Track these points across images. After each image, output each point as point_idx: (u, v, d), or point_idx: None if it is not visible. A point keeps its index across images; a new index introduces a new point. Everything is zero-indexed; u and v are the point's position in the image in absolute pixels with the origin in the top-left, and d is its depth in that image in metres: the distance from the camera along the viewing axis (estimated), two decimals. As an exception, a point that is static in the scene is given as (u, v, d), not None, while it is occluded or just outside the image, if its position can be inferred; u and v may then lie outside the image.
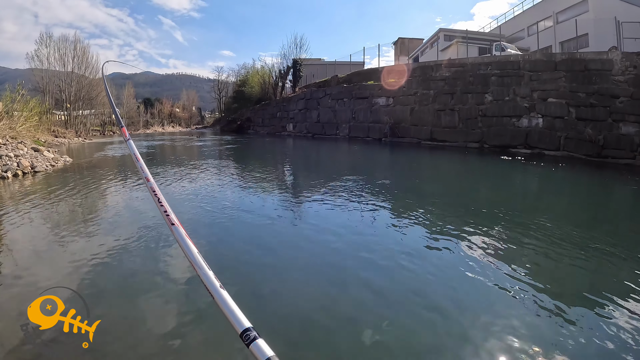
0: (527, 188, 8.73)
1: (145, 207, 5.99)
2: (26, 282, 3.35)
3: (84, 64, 40.85)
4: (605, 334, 2.45)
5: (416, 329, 2.57)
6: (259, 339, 0.89)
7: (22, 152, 11.59)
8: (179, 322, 2.64)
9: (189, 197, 6.96)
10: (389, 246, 4.19)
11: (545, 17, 26.91)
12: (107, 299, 3.03)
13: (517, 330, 2.49)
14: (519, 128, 14.95)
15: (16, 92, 17.08)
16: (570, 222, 5.39)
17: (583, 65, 14.04)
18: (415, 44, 41.65)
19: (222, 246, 4.35)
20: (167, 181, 8.77)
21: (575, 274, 3.54)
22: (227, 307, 1.00)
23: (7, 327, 2.56)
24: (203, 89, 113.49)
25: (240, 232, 4.87)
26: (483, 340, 2.40)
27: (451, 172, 10.75)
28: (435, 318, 2.67)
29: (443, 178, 9.55)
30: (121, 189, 7.98)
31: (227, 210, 5.91)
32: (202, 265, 1.10)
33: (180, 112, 79.30)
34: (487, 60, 17.50)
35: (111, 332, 2.49)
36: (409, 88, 19.27)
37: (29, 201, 6.69)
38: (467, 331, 2.50)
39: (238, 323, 0.95)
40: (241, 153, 18.14)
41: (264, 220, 5.41)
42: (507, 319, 2.64)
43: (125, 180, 9.06)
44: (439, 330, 2.55)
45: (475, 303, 2.92)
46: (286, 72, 39.49)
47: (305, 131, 28.00)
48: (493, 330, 2.51)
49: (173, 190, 7.63)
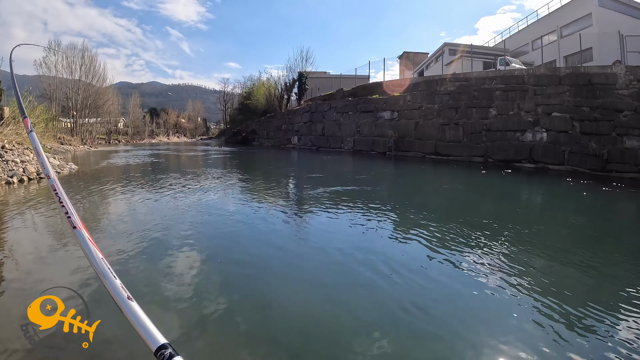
0: (531, 203, 8.72)
1: (148, 216, 6.07)
2: (27, 284, 3.40)
3: (91, 73, 41.43)
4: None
5: (418, 343, 2.58)
6: (177, 357, 0.80)
7: (29, 159, 11.70)
8: (181, 329, 2.66)
9: (194, 205, 7.08)
10: (391, 259, 4.20)
11: (550, 32, 27.12)
12: (107, 303, 3.01)
13: (523, 346, 2.48)
14: (523, 142, 14.98)
15: (23, 98, 17.07)
16: (574, 236, 5.41)
17: (587, 79, 14.11)
18: (420, 58, 41.98)
19: (226, 254, 4.42)
20: (173, 188, 8.88)
21: (579, 288, 3.54)
22: (138, 321, 0.89)
23: (7, 327, 2.61)
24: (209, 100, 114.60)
25: (244, 241, 4.92)
26: (487, 356, 2.41)
27: (455, 186, 10.73)
28: (438, 332, 2.68)
29: (446, 192, 9.54)
30: (125, 197, 8.08)
31: (231, 219, 5.99)
32: (108, 273, 1.00)
33: (185, 123, 79.86)
34: (492, 74, 17.65)
35: (109, 336, 2.50)
36: (413, 102, 19.37)
37: (33, 207, 6.78)
38: (472, 347, 2.51)
39: (151, 339, 0.84)
40: (246, 165, 18.26)
41: (268, 230, 5.48)
42: (512, 334, 2.64)
43: (129, 189, 9.15)
44: (442, 345, 2.55)
45: (479, 318, 2.93)
46: (292, 85, 39.77)
47: (310, 144, 28.16)
48: (497, 346, 2.51)
49: (179, 197, 7.74)
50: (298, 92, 38.24)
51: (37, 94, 28.07)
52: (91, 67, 41.27)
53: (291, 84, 39.80)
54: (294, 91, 39.87)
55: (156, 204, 7.22)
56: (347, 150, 23.42)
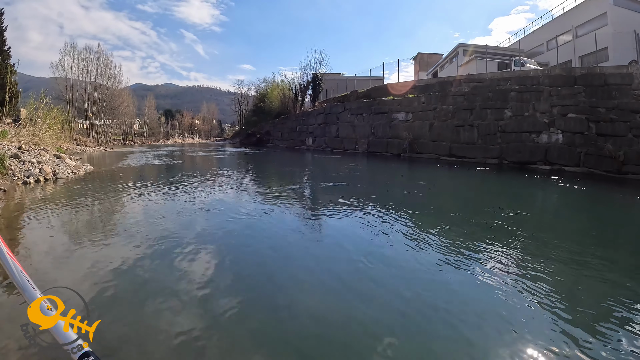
0: (546, 205, 8.75)
1: (164, 219, 6.15)
2: (37, 283, 3.47)
3: (106, 75, 42.47)
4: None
5: (433, 347, 2.57)
6: (87, 350, 0.87)
7: (45, 159, 11.86)
8: (194, 328, 2.72)
9: (208, 205, 7.28)
10: (406, 262, 4.22)
11: (565, 32, 26.88)
12: (117, 304, 3.12)
13: (541, 351, 2.48)
14: (538, 144, 14.94)
15: (40, 100, 17.32)
16: (589, 240, 5.35)
17: (602, 80, 14.06)
18: (434, 59, 41.90)
19: (239, 254, 4.50)
20: (187, 189, 9.23)
21: (596, 291, 3.52)
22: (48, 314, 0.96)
23: (7, 327, 2.67)
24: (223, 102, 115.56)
25: (258, 242, 5.00)
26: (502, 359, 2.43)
27: (469, 188, 10.82)
28: (454, 336, 2.67)
29: (461, 194, 9.61)
30: (140, 197, 8.24)
31: (246, 220, 6.12)
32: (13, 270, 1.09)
33: (200, 124, 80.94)
34: (507, 75, 17.65)
35: (118, 336, 2.60)
36: (428, 103, 19.45)
37: (49, 207, 6.92)
38: (487, 350, 2.52)
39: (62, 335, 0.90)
40: (261, 166, 18.46)
41: (282, 231, 5.58)
42: (529, 339, 2.62)
43: (144, 189, 9.42)
44: (457, 348, 2.54)
45: (493, 321, 2.91)
46: (306, 87, 40.06)
47: (324, 145, 28.37)
48: (514, 349, 2.50)
49: (193, 197, 8.06)
50: (312, 93, 38.50)
51: (53, 96, 28.45)
52: (106, 70, 42.33)
53: (305, 85, 40.10)
54: (308, 93, 40.15)
55: (171, 204, 7.44)
56: (362, 152, 23.47)
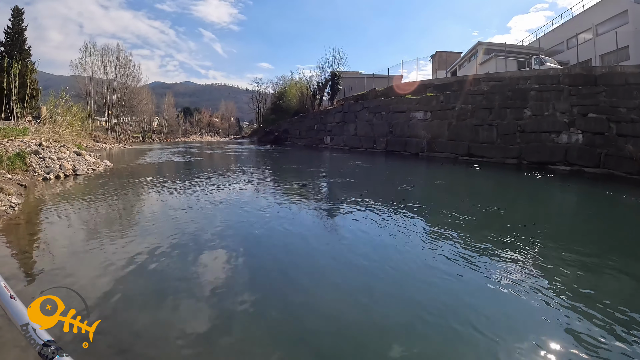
0: (566, 207, 8.72)
1: (182, 215, 6.26)
2: (56, 278, 3.54)
3: (125, 73, 43.55)
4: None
5: (448, 348, 2.59)
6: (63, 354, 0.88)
7: (65, 156, 12.12)
8: (210, 325, 2.79)
9: (225, 203, 7.48)
10: (423, 262, 4.25)
11: (585, 30, 26.58)
12: (134, 300, 3.20)
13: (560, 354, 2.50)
14: (558, 144, 14.86)
15: (60, 97, 17.72)
16: (609, 244, 5.27)
17: (623, 79, 13.88)
18: (453, 58, 41.63)
19: (256, 252, 4.59)
20: (205, 186, 9.54)
21: (613, 295, 3.44)
22: (21, 320, 0.97)
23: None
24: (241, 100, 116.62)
25: (275, 240, 5.09)
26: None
27: (488, 189, 10.91)
28: (469, 337, 2.67)
29: (479, 195, 9.62)
30: (158, 193, 8.42)
31: (263, 218, 6.23)
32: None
33: (218, 122, 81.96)
34: (526, 74, 17.61)
35: (135, 330, 2.69)
36: (447, 102, 19.46)
37: (68, 202, 7.11)
38: (504, 351, 2.52)
39: (34, 337, 0.92)
40: (279, 164, 18.74)
41: (299, 230, 5.65)
42: (546, 342, 2.63)
43: (162, 185, 9.64)
44: (472, 350, 2.56)
45: (510, 322, 2.93)
46: (324, 85, 40.40)
47: (343, 144, 28.58)
48: (530, 352, 2.52)
49: (211, 195, 8.29)
50: (330, 92, 38.83)
51: (73, 94, 29.48)
52: (125, 68, 43.37)
53: (324, 83, 40.44)
54: (326, 91, 40.49)
55: (189, 200, 7.63)
56: (380, 151, 23.53)
